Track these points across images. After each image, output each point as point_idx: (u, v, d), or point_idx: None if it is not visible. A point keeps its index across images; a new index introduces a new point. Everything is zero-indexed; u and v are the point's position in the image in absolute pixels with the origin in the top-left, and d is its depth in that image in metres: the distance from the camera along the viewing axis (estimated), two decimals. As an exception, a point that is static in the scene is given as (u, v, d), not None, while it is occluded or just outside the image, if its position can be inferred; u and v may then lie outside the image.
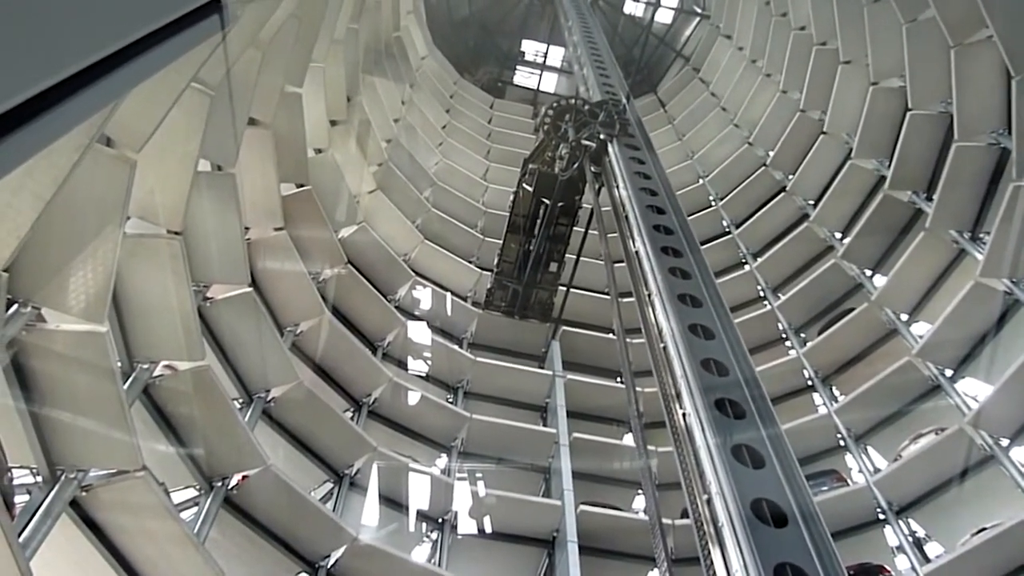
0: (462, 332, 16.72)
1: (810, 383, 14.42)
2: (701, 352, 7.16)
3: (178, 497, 8.82)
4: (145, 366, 8.44)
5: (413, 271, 16.73)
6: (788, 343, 15.64)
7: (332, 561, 9.98)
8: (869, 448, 12.67)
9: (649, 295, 8.49)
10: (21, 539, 6.26)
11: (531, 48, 32.21)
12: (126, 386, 7.96)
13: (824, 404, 13.75)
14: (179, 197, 8.17)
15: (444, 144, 22.71)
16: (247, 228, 11.27)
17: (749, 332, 13.60)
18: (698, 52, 26.88)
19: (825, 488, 11.92)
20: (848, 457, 12.81)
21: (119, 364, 7.29)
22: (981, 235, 12.14)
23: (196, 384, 8.76)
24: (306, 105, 12.57)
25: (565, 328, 16.90)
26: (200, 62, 7.36)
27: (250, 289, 10.38)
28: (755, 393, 6.72)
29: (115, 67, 1.12)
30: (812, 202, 17.22)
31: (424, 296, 16.69)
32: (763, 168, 19.24)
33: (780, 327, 15.94)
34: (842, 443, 12.92)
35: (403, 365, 14.97)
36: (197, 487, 9.15)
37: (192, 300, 8.44)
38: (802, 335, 15.58)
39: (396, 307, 15.62)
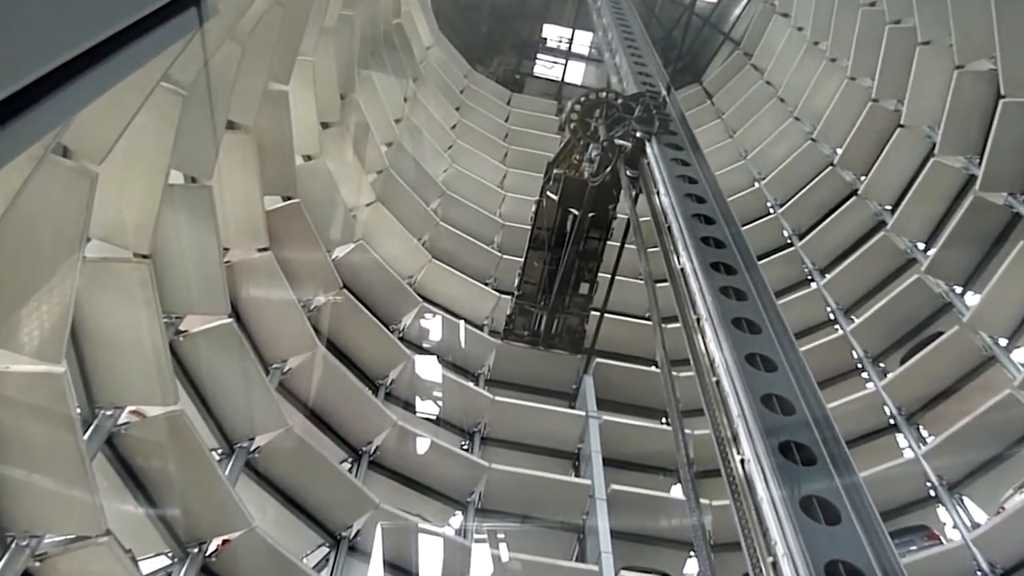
0: (478, 366, 16.74)
1: (892, 422, 14.26)
2: (761, 387, 7.10)
3: (148, 566, 8.85)
4: (109, 412, 8.49)
5: (420, 296, 16.81)
6: (865, 375, 15.50)
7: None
8: (965, 499, 12.46)
9: (698, 320, 8.45)
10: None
11: (554, 34, 32.48)
12: (87, 436, 8.00)
13: (910, 447, 13.56)
14: (147, 215, 8.27)
15: (454, 147, 22.89)
16: (226, 249, 11.38)
17: (818, 362, 13.47)
18: (750, 34, 26.95)
19: (914, 547, 11.72)
20: (941, 510, 12.61)
21: (78, 410, 7.35)
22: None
23: (168, 432, 8.81)
24: (293, 105, 12.71)
25: (599, 360, 16.87)
26: (171, 58, 7.49)
27: (230, 320, 10.45)
28: (827, 435, 6.65)
29: (83, 70, 1.14)
30: (889, 207, 17.12)
31: (433, 325, 16.75)
32: (830, 168, 19.18)
33: (855, 355, 15.81)
34: (933, 493, 12.72)
35: (410, 407, 15.00)
36: (170, 554, 9.17)
37: (163, 334, 8.51)
38: (881, 365, 15.44)
39: (400, 338, 15.68)
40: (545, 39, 32.54)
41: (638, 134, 12.69)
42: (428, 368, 15.40)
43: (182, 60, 8.12)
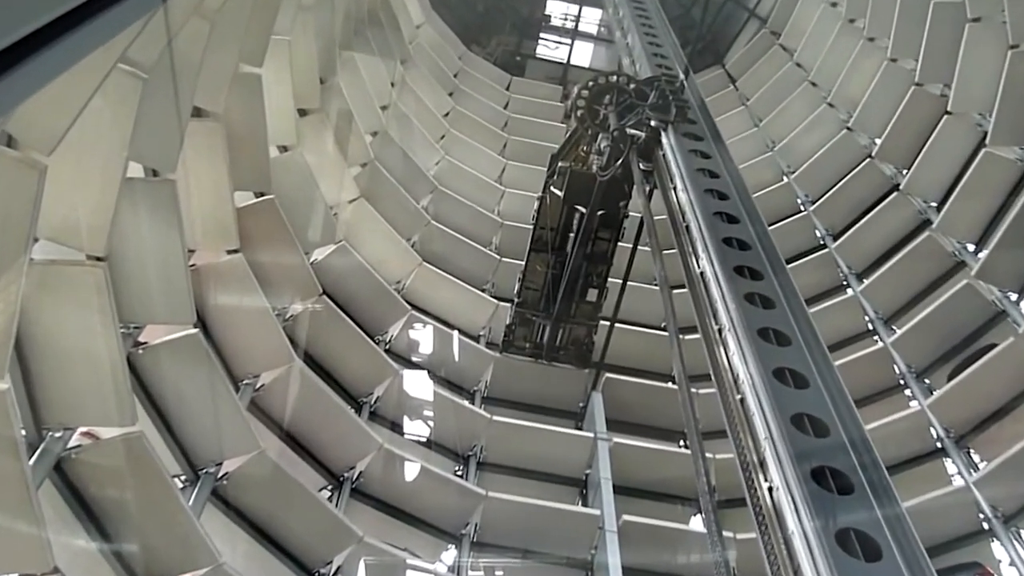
0: (474, 383, 16.75)
1: (939, 445, 14.22)
2: (792, 405, 7.09)
3: (102, 607, 8.83)
4: (58, 434, 8.43)
5: (409, 303, 16.83)
6: (908, 392, 15.47)
7: None
8: (1023, 532, 12.46)
9: (720, 330, 8.44)
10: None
11: (558, 9, 32.57)
12: (32, 461, 7.96)
13: (960, 474, 13.54)
14: (103, 212, 8.26)
15: (447, 137, 22.93)
16: (192, 251, 11.38)
17: (855, 378, 13.46)
18: (778, 10, 26.99)
19: (965, 587, 11.73)
20: (995, 545, 12.57)
21: (23, 432, 7.34)
22: None
23: (125, 457, 8.77)
24: (267, 90, 12.71)
25: (609, 376, 16.86)
26: (130, 36, 7.49)
27: (196, 331, 10.42)
28: (866, 459, 6.63)
29: (34, 51, 1.13)
30: (935, 204, 17.12)
31: (424, 336, 16.75)
32: (868, 161, 19.20)
33: (896, 371, 15.79)
34: (986, 526, 12.68)
35: (397, 427, 14.98)
36: (127, 593, 9.16)
37: (120, 346, 8.50)
38: (926, 381, 15.41)
39: (387, 351, 15.68)
40: (549, 16, 32.61)
41: (653, 123, 12.70)
42: (418, 384, 15.40)
43: (142, 39, 8.11)
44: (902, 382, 15.73)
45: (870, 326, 17.07)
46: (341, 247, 15.67)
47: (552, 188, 15.74)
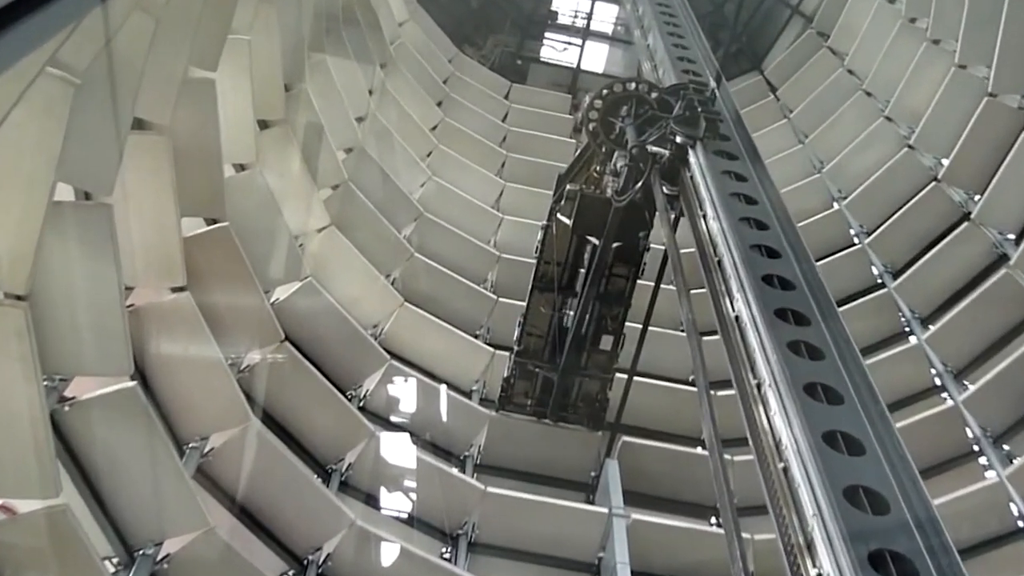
0: (465, 447, 16.66)
1: (1022, 524, 14.14)
2: (845, 475, 7.04)
3: None
4: (-32, 507, 8.44)
5: (388, 352, 16.80)
6: (983, 459, 15.39)
7: None
8: None
9: (759, 385, 8.41)
10: None
11: (567, 5, 32.85)
12: (-62, 539, 7.94)
13: (1047, 556, 13.47)
14: (25, 242, 8.24)
15: (435, 154, 23.02)
16: (130, 289, 11.38)
17: (920, 442, 13.38)
18: (826, 7, 27.18)
19: None
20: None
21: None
22: None
23: (48, 534, 8.70)
24: (222, 99, 12.77)
25: (627, 439, 16.75)
26: (61, 35, 7.53)
27: (134, 384, 10.39)
28: (934, 542, 6.58)
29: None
30: (1012, 237, 17.12)
31: (405, 391, 16.70)
32: (933, 185, 19.19)
33: (969, 434, 15.70)
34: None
35: (373, 501, 14.86)
36: None
37: (43, 401, 8.46)
38: (1005, 448, 15.32)
39: (361, 408, 15.62)
40: (555, 13, 32.87)
41: (678, 139, 12.72)
42: (398, 449, 15.33)
43: (75, 38, 8.15)
44: (976, 448, 15.62)
45: (937, 381, 16.95)
46: (308, 285, 15.66)
47: (559, 215, 15.75)
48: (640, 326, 15.85)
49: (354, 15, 21.47)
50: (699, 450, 16.82)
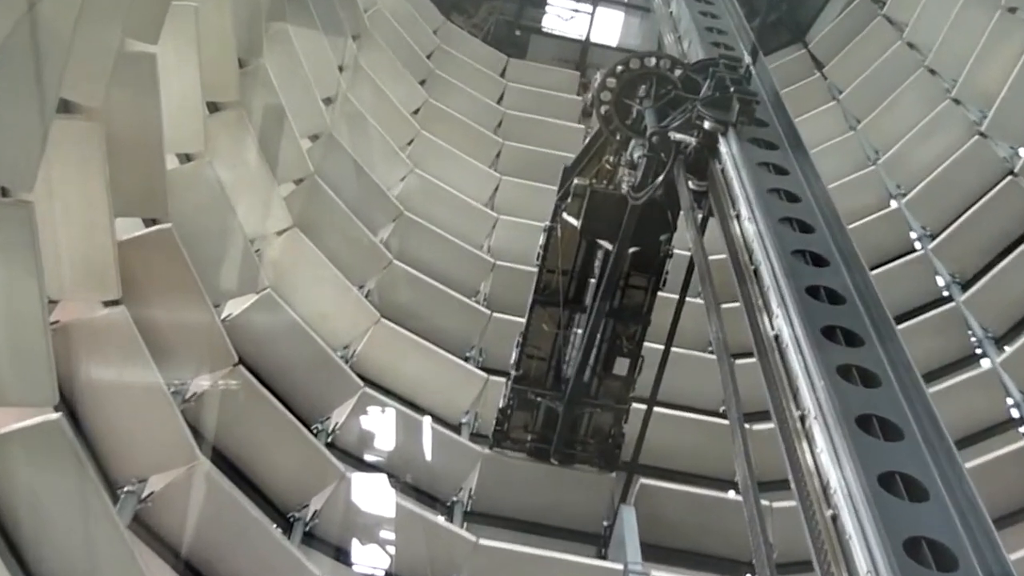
0: (453, 491, 16.64)
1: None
2: (905, 525, 6.99)
3: None
4: None
5: (361, 377, 16.82)
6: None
7: None
8: None
9: (803, 418, 8.38)
10: None
11: (574, -33, 32.86)
12: None
13: None
14: (-70, 247, 8.24)
15: (418, 143, 23.06)
16: (54, 303, 11.34)
17: (995, 484, 13.35)
18: (881, -30, 27.27)
19: None
20: None
21: None
22: None
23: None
24: (164, 77, 12.75)
25: (645, 482, 16.72)
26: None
27: (58, 415, 10.34)
28: (1013, 605, 6.55)
29: None
30: (1105, 241, 17.15)
31: (382, 424, 16.70)
32: (1009, 179, 19.22)
33: (1054, 474, 15.71)
34: None
35: (343, 555, 14.87)
36: None
37: (-50, 437, 8.43)
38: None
39: (329, 445, 15.60)
40: (561, -27, 32.93)
41: (707, 125, 12.72)
42: (373, 493, 15.29)
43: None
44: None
45: (1015, 412, 16.92)
46: (266, 298, 15.62)
47: (565, 215, 15.73)
48: (661, 347, 15.80)
49: (321, -24, 21.51)
50: (731, 494, 16.83)
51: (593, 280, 16.08)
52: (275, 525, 13.90)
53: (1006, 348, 17.56)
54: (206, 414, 13.83)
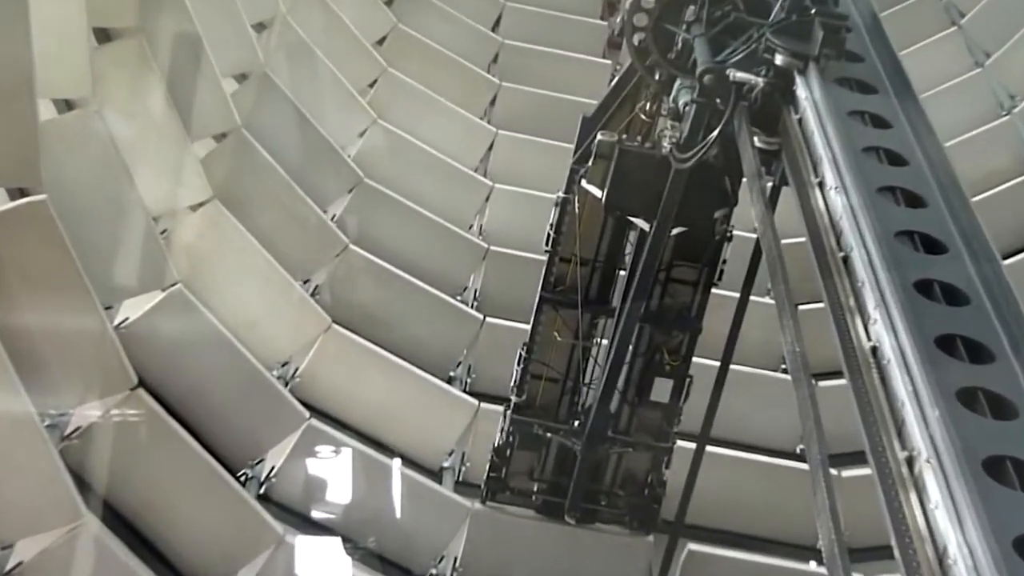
0: (431, 560, 16.60)
1: None
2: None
3: None
4: None
5: (305, 404, 16.75)
6: None
7: None
8: None
9: (910, 461, 8.34)
10: None
11: None
12: None
13: None
14: None
15: (383, 85, 23.02)
16: None
17: None
18: None
19: None
20: None
21: None
22: None
23: None
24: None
25: (694, 547, 16.74)
26: None
27: None
28: None
29: None
30: None
31: (334, 467, 16.64)
32: None
33: None
34: None
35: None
36: None
37: None
38: None
39: (262, 498, 15.56)
40: None
41: (780, 60, 12.70)
42: (322, 563, 15.29)
43: None
44: None
45: None
46: (176, 296, 15.56)
47: (585, 183, 15.65)
48: (716, 364, 15.72)
49: None
50: (812, 566, 16.81)
51: (623, 272, 16.04)
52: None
53: None
54: (95, 456, 13.80)
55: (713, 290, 15.79)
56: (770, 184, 12.39)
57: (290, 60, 20.46)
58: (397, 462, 16.95)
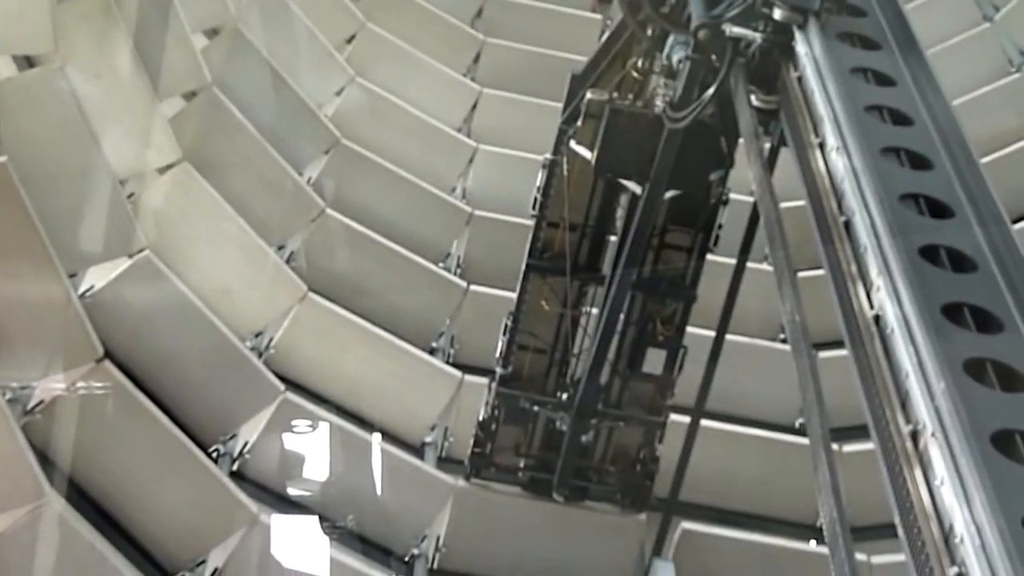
0: (413, 540, 16.65)
1: None
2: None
3: None
4: None
5: (280, 377, 16.76)
6: None
7: None
8: None
9: (915, 435, 8.32)
10: None
11: None
12: None
13: None
14: None
15: (362, 40, 23.00)
16: None
17: None
18: None
19: None
20: None
21: None
22: None
23: None
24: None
25: (688, 526, 16.76)
26: None
27: None
28: None
29: None
30: None
31: (311, 443, 16.65)
32: None
33: None
34: None
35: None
36: None
37: None
38: None
39: (235, 475, 15.54)
40: None
41: (778, 13, 12.67)
42: (297, 543, 15.29)
43: None
44: None
45: None
46: (143, 264, 15.54)
47: (574, 144, 15.64)
48: (711, 334, 15.80)
49: None
50: (813, 545, 16.86)
51: (614, 238, 16.04)
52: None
53: None
54: (59, 431, 13.80)
55: (708, 256, 15.76)
56: (768, 145, 12.38)
57: (263, 14, 20.42)
58: (377, 437, 16.95)
